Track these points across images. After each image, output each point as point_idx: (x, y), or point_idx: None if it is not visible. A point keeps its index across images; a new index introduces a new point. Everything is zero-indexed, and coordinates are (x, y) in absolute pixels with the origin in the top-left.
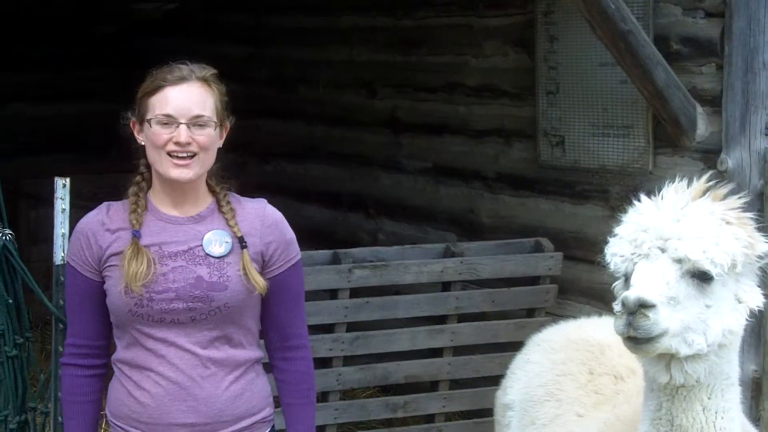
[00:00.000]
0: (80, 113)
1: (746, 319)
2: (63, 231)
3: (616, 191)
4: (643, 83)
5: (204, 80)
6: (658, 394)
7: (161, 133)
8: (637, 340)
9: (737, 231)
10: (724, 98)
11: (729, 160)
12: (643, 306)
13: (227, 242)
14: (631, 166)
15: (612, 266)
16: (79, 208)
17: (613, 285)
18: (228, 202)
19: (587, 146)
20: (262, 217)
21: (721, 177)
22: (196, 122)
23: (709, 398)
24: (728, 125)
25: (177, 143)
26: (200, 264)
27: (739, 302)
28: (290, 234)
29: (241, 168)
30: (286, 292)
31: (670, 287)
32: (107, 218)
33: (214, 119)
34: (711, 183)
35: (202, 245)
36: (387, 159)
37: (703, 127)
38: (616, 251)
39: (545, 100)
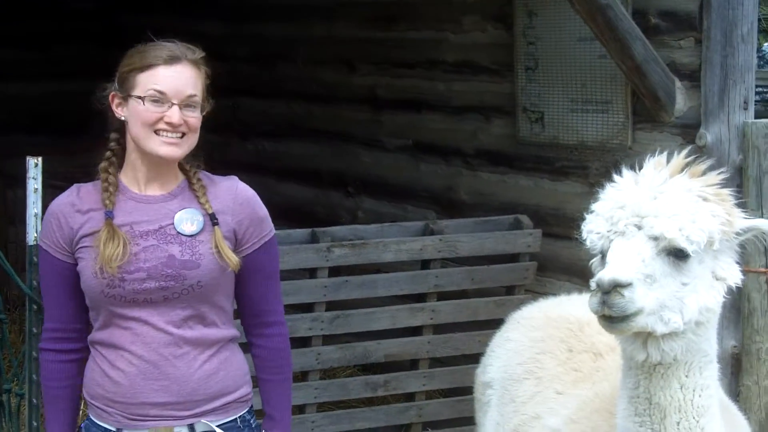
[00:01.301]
0: (58, 92)
1: (723, 296)
2: (35, 211)
3: (595, 167)
4: (621, 58)
5: (195, 63)
6: (636, 372)
7: (153, 111)
8: (611, 319)
9: (714, 208)
10: (702, 72)
11: (708, 135)
12: (618, 285)
13: (199, 220)
14: (611, 142)
15: (588, 243)
16: (57, 188)
17: (591, 261)
18: (199, 179)
19: (566, 122)
20: (234, 195)
21: (700, 152)
22: (187, 103)
23: (686, 376)
24: (707, 100)
25: (169, 123)
26: (172, 243)
27: (717, 279)
28: (263, 211)
29: (224, 148)
30: (261, 270)
31: (646, 265)
32: (78, 199)
33: (201, 102)
34: (689, 159)
35: (173, 224)
36: (367, 136)
37: (681, 102)
38: (593, 228)
39: (524, 76)
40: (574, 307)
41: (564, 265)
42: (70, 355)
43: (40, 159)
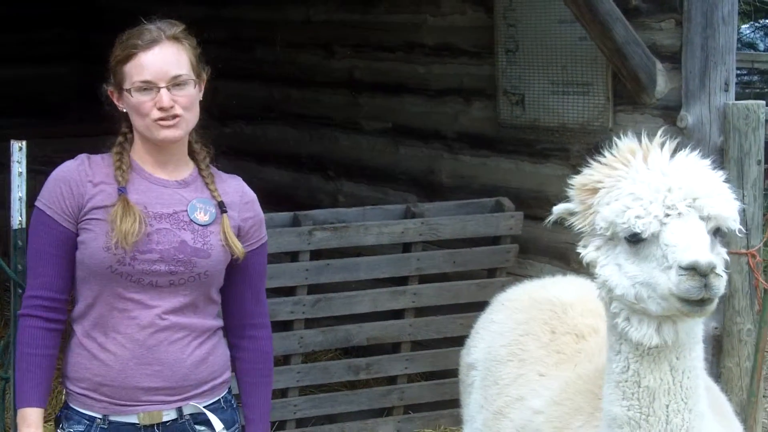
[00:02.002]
0: (36, 75)
1: None
2: (20, 195)
3: (576, 149)
4: (602, 40)
5: (175, 38)
6: (626, 356)
7: (144, 101)
8: (702, 302)
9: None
10: (683, 54)
11: (689, 117)
12: (713, 267)
13: (211, 212)
14: (592, 124)
15: (627, 227)
16: (36, 172)
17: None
18: (207, 167)
19: (547, 104)
20: (241, 194)
21: (681, 133)
22: (175, 83)
23: (677, 358)
24: (688, 81)
25: (161, 108)
26: (184, 229)
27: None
28: (262, 214)
29: (202, 132)
30: (253, 271)
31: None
32: (89, 170)
33: (192, 76)
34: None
35: (186, 210)
36: (346, 120)
37: (662, 84)
38: (639, 213)
39: (504, 59)
40: (558, 290)
41: (545, 247)
42: (53, 325)
43: (24, 143)
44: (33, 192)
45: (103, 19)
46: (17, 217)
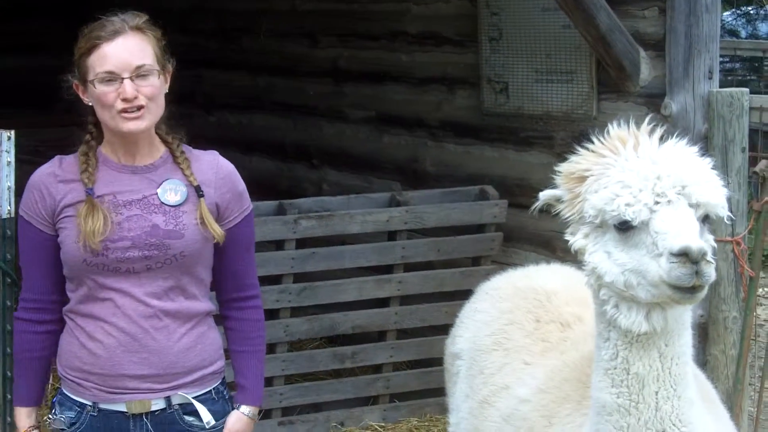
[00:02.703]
0: (21, 66)
1: None
2: (9, 184)
3: (560, 137)
4: (586, 28)
5: (138, 29)
6: (615, 344)
7: (107, 92)
8: (693, 289)
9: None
10: (667, 42)
11: (673, 105)
12: (704, 254)
13: (182, 191)
14: (576, 112)
15: (616, 215)
16: (23, 162)
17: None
18: (182, 152)
19: (531, 92)
20: (215, 169)
21: (666, 121)
22: (138, 74)
23: (666, 345)
24: (672, 69)
25: (124, 99)
26: (156, 212)
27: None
28: (242, 185)
29: (186, 120)
30: (240, 243)
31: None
32: (60, 170)
33: (156, 67)
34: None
35: (156, 194)
36: (330, 108)
37: (646, 72)
38: (628, 201)
39: (488, 47)
40: (542, 278)
41: (530, 235)
42: (45, 326)
43: (12, 132)
44: (21, 182)
45: (90, 10)
46: (6, 206)
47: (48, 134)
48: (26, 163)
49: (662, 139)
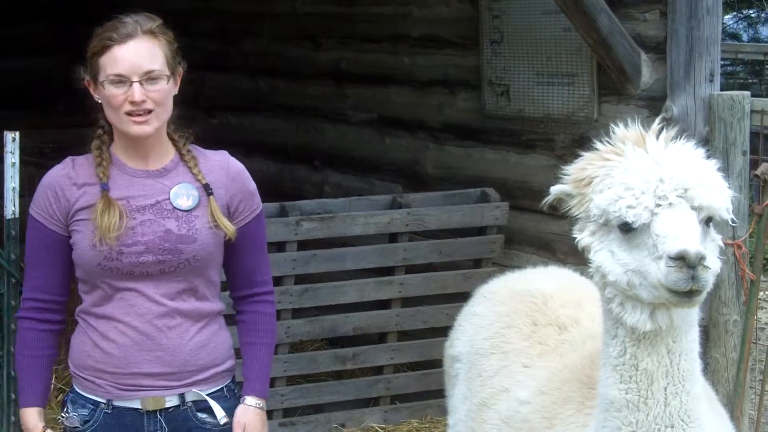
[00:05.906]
0: (26, 68)
1: None
2: (13, 185)
3: (561, 140)
4: (587, 31)
5: (151, 33)
6: (623, 340)
7: (116, 94)
8: (690, 293)
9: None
10: (668, 45)
11: (674, 107)
12: (702, 258)
13: (194, 195)
14: (576, 115)
15: (618, 216)
16: (26, 164)
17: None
18: (189, 151)
19: (532, 95)
20: (226, 169)
21: (666, 124)
22: (148, 78)
23: (674, 341)
24: (673, 72)
25: (132, 102)
26: (168, 217)
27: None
28: (252, 184)
29: (189, 123)
30: (252, 242)
31: (699, 235)
32: (73, 172)
33: (166, 72)
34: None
35: (169, 198)
36: (332, 111)
37: (647, 75)
38: (630, 203)
39: (489, 50)
40: (538, 281)
41: (531, 237)
42: (49, 326)
43: (17, 133)
44: (23, 183)
45: (90, 11)
46: (10, 207)
47: (49, 136)
48: (28, 164)
49: (672, 140)
